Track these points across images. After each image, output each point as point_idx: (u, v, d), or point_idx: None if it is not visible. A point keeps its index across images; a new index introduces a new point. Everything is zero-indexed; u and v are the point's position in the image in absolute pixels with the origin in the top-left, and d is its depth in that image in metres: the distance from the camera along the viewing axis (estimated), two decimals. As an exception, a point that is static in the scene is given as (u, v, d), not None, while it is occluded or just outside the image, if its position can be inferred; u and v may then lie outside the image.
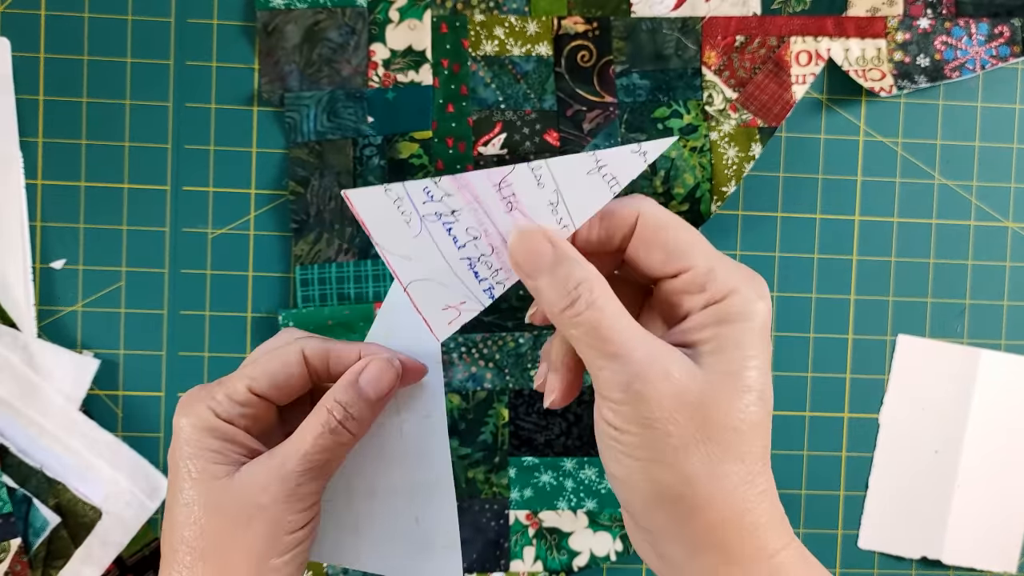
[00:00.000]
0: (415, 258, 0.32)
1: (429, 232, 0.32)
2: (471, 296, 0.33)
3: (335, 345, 0.35)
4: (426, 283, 0.33)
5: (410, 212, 0.32)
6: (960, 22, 0.57)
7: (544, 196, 0.31)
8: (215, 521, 0.32)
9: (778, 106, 0.56)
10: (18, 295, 0.54)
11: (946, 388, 0.59)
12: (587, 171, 0.31)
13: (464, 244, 0.32)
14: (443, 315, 0.33)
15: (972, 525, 0.59)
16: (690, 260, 0.30)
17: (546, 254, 0.30)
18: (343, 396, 0.33)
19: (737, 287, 0.29)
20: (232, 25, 0.56)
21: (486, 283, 0.33)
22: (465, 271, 0.33)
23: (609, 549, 0.57)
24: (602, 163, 0.30)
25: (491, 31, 0.55)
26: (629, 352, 0.28)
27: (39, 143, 0.55)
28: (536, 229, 0.31)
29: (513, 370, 0.56)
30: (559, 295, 0.29)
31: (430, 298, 0.33)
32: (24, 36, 0.55)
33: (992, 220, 0.59)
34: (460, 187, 0.31)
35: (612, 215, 0.31)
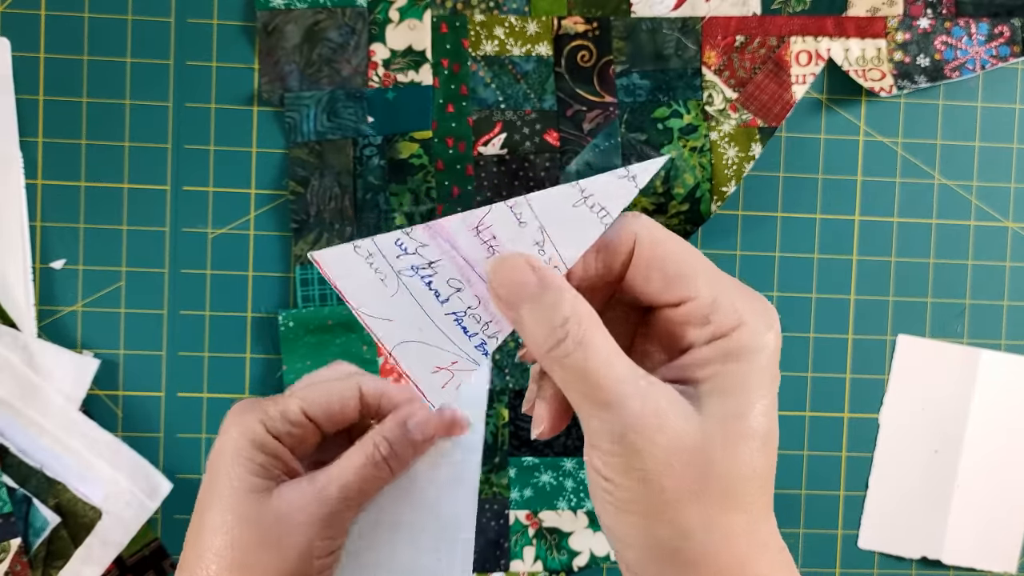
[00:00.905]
0: (397, 319, 0.29)
1: (408, 289, 0.29)
2: (462, 355, 0.30)
3: (389, 386, 0.37)
4: (412, 345, 0.30)
5: (384, 269, 0.29)
6: (960, 22, 0.57)
7: (528, 235, 0.28)
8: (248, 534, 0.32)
9: (778, 106, 0.56)
10: (18, 295, 0.54)
11: (946, 388, 0.59)
12: (572, 204, 0.28)
13: (447, 298, 0.29)
14: (435, 378, 0.30)
15: (972, 525, 0.59)
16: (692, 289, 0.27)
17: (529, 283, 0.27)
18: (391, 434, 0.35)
19: (744, 319, 0.27)
20: (232, 25, 0.56)
21: (477, 338, 0.30)
22: (452, 328, 0.29)
23: (609, 549, 0.57)
24: (588, 193, 0.28)
25: (491, 31, 0.55)
26: (622, 400, 0.25)
27: (39, 143, 0.55)
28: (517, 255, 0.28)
29: (513, 370, 0.56)
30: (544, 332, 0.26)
31: (419, 361, 0.30)
32: (24, 36, 0.54)
33: (992, 220, 0.59)
34: (433, 235, 0.29)
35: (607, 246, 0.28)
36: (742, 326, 0.27)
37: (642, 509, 0.26)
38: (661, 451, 0.25)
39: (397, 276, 0.29)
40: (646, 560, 0.27)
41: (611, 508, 0.27)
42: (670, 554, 0.26)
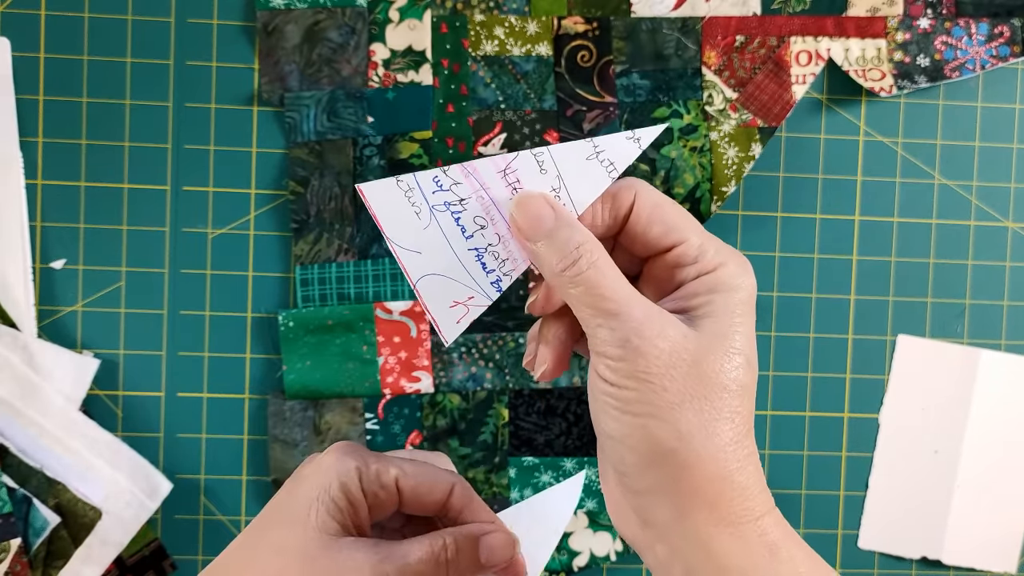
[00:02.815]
0: (425, 251, 0.33)
1: (438, 223, 0.32)
2: (479, 290, 0.33)
3: (477, 501, 0.36)
4: (435, 279, 0.33)
5: (420, 203, 0.32)
6: (960, 22, 0.57)
7: (547, 181, 0.32)
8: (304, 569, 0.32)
9: (778, 106, 0.56)
10: (18, 295, 0.54)
11: (946, 388, 0.59)
12: (586, 156, 0.31)
13: (472, 234, 0.32)
14: (451, 313, 0.33)
15: (972, 525, 0.59)
16: (684, 234, 0.31)
17: (547, 217, 0.31)
18: (462, 542, 0.34)
19: (726, 261, 0.32)
20: (232, 25, 0.56)
21: (493, 275, 0.33)
22: (473, 263, 0.33)
23: (609, 549, 0.57)
24: (600, 148, 0.31)
25: (491, 31, 0.55)
26: (628, 310, 0.29)
27: (39, 143, 0.55)
28: (537, 194, 0.31)
29: (513, 370, 0.56)
30: (560, 256, 0.30)
31: (439, 295, 0.33)
32: (24, 36, 0.55)
33: (992, 220, 0.59)
34: (467, 175, 0.32)
35: (615, 196, 0.32)
36: (724, 265, 0.31)
37: (645, 410, 0.29)
38: (663, 355, 0.29)
39: (431, 210, 0.32)
40: (644, 463, 0.30)
41: (615, 412, 0.30)
42: (666, 455, 0.29)
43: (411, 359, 0.56)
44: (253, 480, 0.56)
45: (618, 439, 0.30)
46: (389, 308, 0.56)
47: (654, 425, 0.29)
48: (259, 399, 0.56)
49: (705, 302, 0.31)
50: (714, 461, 0.29)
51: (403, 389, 0.56)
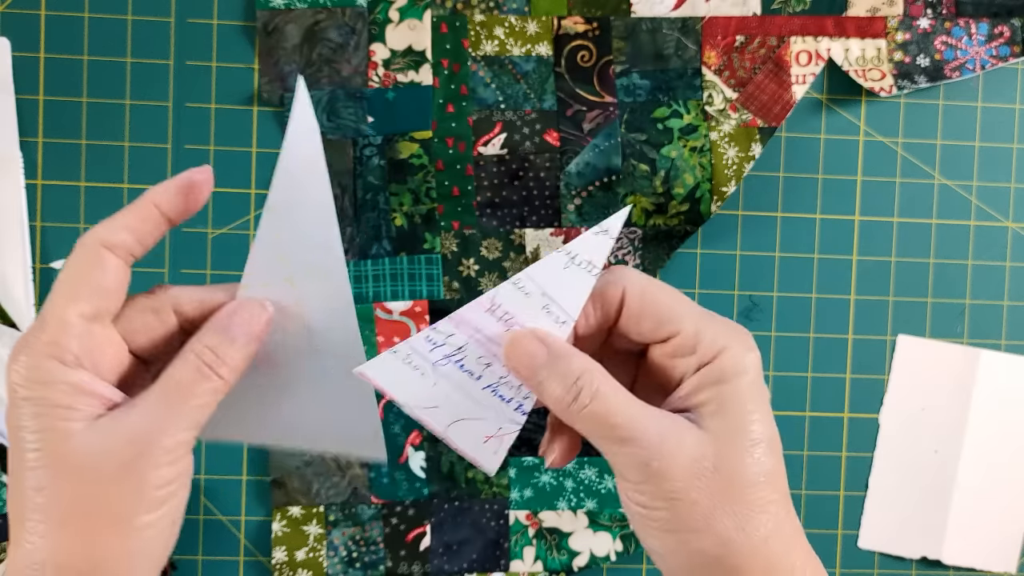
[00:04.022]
0: (442, 404, 0.33)
1: (445, 376, 0.33)
2: (505, 420, 0.33)
3: (207, 292, 0.32)
4: (461, 423, 0.33)
5: (421, 364, 0.33)
6: (960, 22, 0.57)
7: (535, 303, 0.32)
8: (71, 484, 0.28)
9: (778, 106, 0.56)
10: (18, 295, 0.54)
11: (946, 388, 0.59)
12: (563, 267, 0.32)
13: (480, 375, 0.33)
14: (486, 447, 0.34)
15: (972, 525, 0.59)
16: (678, 324, 0.31)
17: (539, 354, 0.31)
18: (212, 340, 0.31)
19: (726, 344, 0.30)
20: (232, 25, 0.56)
21: (514, 403, 0.33)
22: (490, 399, 0.33)
23: (609, 549, 0.57)
24: (573, 254, 0.31)
25: (491, 31, 0.55)
26: (640, 433, 0.29)
27: (39, 143, 0.55)
28: (524, 332, 0.31)
29: (513, 370, 0.56)
30: (562, 391, 0.30)
31: (469, 436, 0.34)
32: (24, 36, 0.55)
33: (992, 220, 0.59)
34: (457, 324, 0.32)
35: (602, 296, 0.32)
36: (724, 351, 0.30)
37: (682, 526, 0.29)
38: (685, 469, 0.29)
39: (433, 367, 0.32)
40: (695, 574, 0.30)
41: (654, 531, 0.30)
42: (712, 564, 0.29)
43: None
44: (253, 480, 0.56)
45: (663, 555, 0.30)
46: (389, 308, 0.56)
47: (694, 539, 0.29)
48: (259, 399, 0.56)
49: (713, 396, 0.30)
50: (759, 556, 0.29)
51: (403, 389, 0.56)
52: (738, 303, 0.58)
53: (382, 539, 0.56)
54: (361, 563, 0.56)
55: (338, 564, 0.56)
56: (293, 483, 0.56)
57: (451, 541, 0.57)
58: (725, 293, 0.58)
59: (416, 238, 0.56)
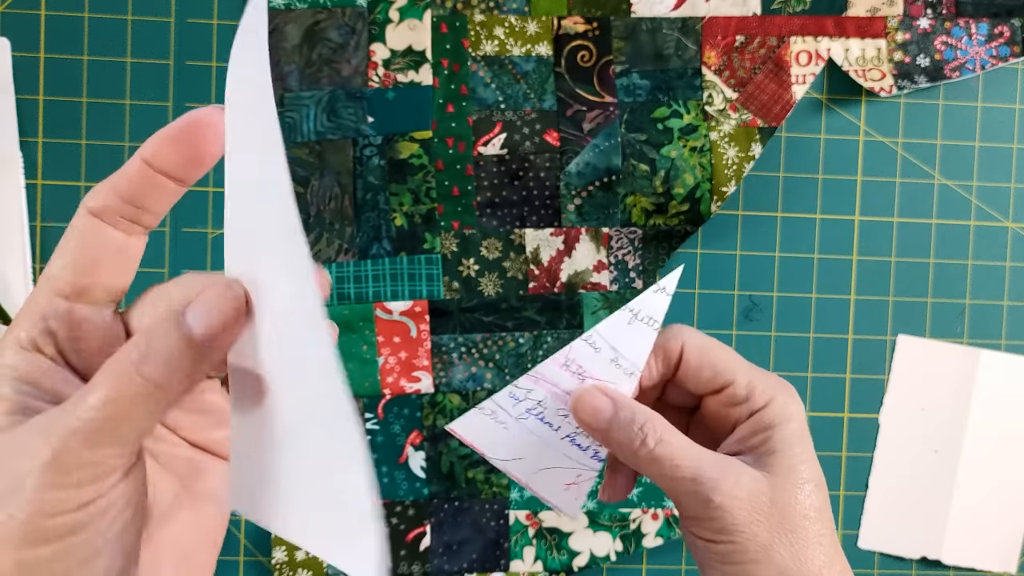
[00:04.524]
0: (526, 455, 0.36)
1: (528, 429, 0.36)
2: (583, 467, 0.36)
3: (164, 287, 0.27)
4: (543, 472, 0.36)
5: (505, 419, 0.36)
6: (960, 22, 0.57)
7: (604, 357, 0.35)
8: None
9: (778, 106, 0.56)
10: (18, 295, 0.54)
11: (946, 388, 0.59)
12: (627, 322, 0.34)
13: (559, 426, 0.35)
14: (567, 494, 0.37)
15: (972, 525, 0.59)
16: (732, 375, 0.34)
17: (605, 408, 0.34)
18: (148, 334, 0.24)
19: (774, 395, 0.34)
20: (232, 25, 0.56)
21: (591, 450, 0.36)
22: (569, 448, 0.36)
23: (609, 549, 0.57)
24: (636, 310, 0.34)
25: (491, 31, 0.55)
26: (702, 473, 0.32)
27: (39, 143, 0.55)
28: (589, 388, 0.34)
29: (513, 370, 0.56)
30: (629, 440, 0.33)
31: (551, 484, 0.37)
32: (24, 36, 0.55)
33: (992, 220, 0.59)
34: (536, 380, 0.35)
35: (664, 350, 0.35)
36: (773, 400, 0.34)
37: (744, 558, 0.32)
38: (745, 504, 0.32)
39: (517, 421, 0.35)
40: None
41: (717, 563, 0.32)
42: None
43: (411, 359, 0.56)
44: (253, 480, 0.56)
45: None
46: (389, 308, 0.56)
47: (754, 569, 0.32)
48: (259, 399, 0.56)
49: (764, 439, 0.33)
50: None
51: (403, 389, 0.56)
52: (738, 303, 0.58)
53: (382, 539, 0.56)
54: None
55: (338, 564, 0.56)
56: (293, 483, 0.56)
57: (451, 541, 0.57)
58: (725, 293, 0.58)
59: (416, 238, 0.56)
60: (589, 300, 0.57)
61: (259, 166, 0.26)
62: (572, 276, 0.56)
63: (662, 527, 0.57)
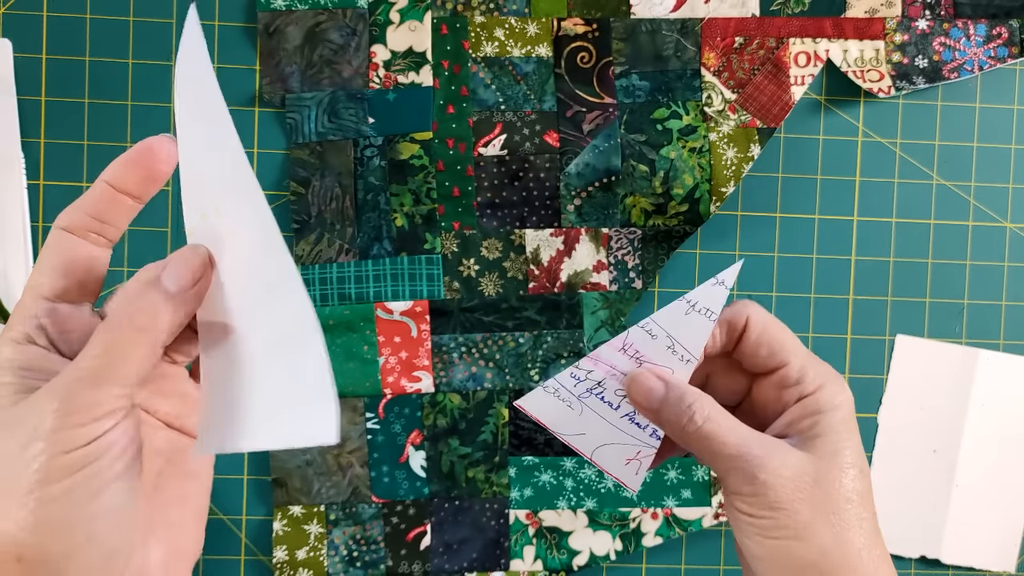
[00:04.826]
0: (588, 431, 0.38)
1: (589, 407, 0.38)
2: (642, 443, 0.38)
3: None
4: (605, 447, 0.38)
5: (568, 397, 0.38)
6: (958, 23, 0.57)
7: (661, 344, 0.36)
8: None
9: (777, 107, 0.56)
10: (20, 294, 0.54)
11: (944, 388, 0.59)
12: (685, 313, 0.35)
13: (618, 405, 0.37)
14: (628, 468, 0.39)
15: (970, 524, 0.59)
16: (788, 356, 0.35)
17: (657, 388, 0.35)
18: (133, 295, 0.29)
19: (824, 382, 0.35)
20: (233, 26, 0.56)
21: (649, 428, 0.38)
22: (628, 425, 0.38)
23: (609, 548, 0.57)
24: (693, 302, 0.35)
25: (491, 32, 0.56)
26: (748, 451, 0.33)
27: (41, 144, 0.55)
28: (643, 371, 0.36)
29: (513, 370, 0.57)
30: (678, 417, 0.34)
31: (613, 459, 0.39)
32: (26, 37, 0.55)
33: (990, 220, 0.59)
34: (595, 362, 0.37)
35: (729, 322, 0.36)
36: (823, 387, 0.34)
37: (785, 533, 0.33)
38: (788, 482, 0.33)
39: (579, 399, 0.37)
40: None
41: (759, 538, 0.33)
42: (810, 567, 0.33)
43: (411, 359, 0.56)
44: (254, 479, 0.57)
45: (765, 559, 0.34)
46: (390, 308, 0.56)
47: (795, 546, 0.33)
48: (260, 399, 0.56)
49: (812, 423, 0.34)
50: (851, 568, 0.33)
51: (404, 389, 0.56)
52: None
53: (382, 538, 0.56)
54: (362, 562, 0.56)
55: (339, 563, 0.56)
56: (294, 482, 0.56)
57: (451, 540, 0.57)
58: (724, 293, 0.58)
59: (417, 238, 0.56)
60: (589, 300, 0.57)
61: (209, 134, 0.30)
62: (572, 276, 0.57)
63: (661, 526, 0.57)
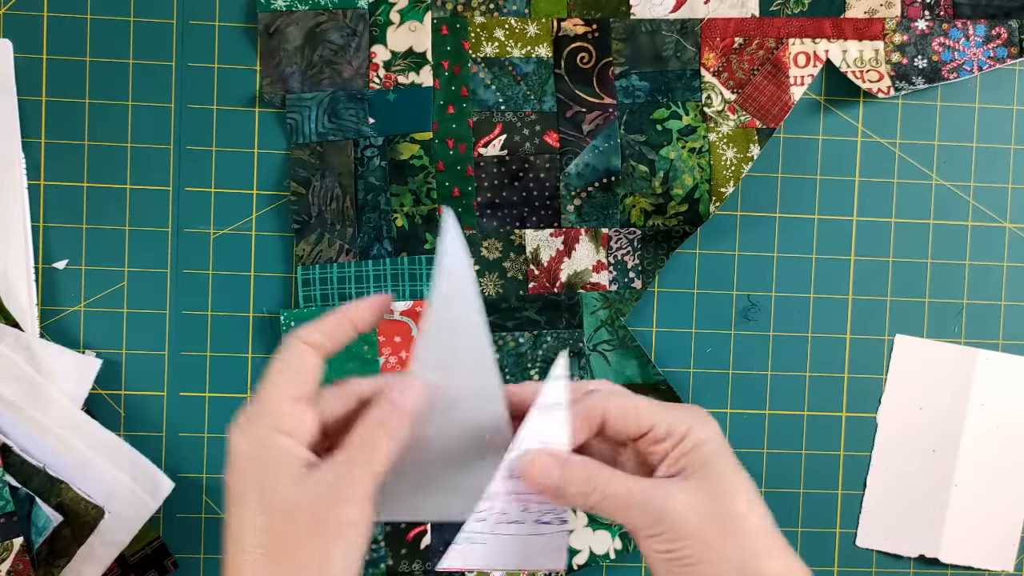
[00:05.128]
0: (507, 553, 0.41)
1: (502, 534, 0.41)
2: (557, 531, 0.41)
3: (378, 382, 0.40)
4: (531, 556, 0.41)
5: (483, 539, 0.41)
6: (958, 24, 0.57)
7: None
8: (281, 524, 0.36)
9: (776, 107, 0.56)
10: (21, 295, 0.54)
11: (943, 387, 0.59)
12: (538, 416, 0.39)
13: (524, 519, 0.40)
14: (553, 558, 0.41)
15: (969, 523, 0.59)
16: (651, 420, 0.39)
17: (553, 468, 0.38)
18: (384, 407, 0.38)
19: (690, 426, 0.38)
20: (234, 27, 0.56)
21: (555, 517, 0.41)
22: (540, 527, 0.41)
23: (608, 547, 0.57)
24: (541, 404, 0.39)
25: (491, 33, 0.56)
26: (647, 498, 0.37)
27: (42, 144, 0.55)
28: (537, 454, 0.39)
29: (513, 370, 0.57)
30: (581, 492, 0.38)
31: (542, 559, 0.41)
32: (27, 37, 0.55)
33: (989, 220, 0.59)
34: (493, 499, 0.40)
35: (586, 419, 0.39)
36: (690, 430, 0.38)
37: (694, 559, 0.37)
38: (687, 513, 0.37)
39: (492, 534, 0.41)
40: None
41: (689, 568, 0.37)
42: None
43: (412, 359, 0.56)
44: (255, 479, 0.57)
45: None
46: (390, 308, 0.56)
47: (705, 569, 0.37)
48: (261, 398, 0.56)
49: (690, 462, 0.38)
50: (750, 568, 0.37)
51: (404, 388, 0.56)
52: (736, 303, 0.58)
53: (383, 537, 0.57)
54: (362, 561, 0.56)
55: (339, 562, 0.56)
56: (294, 482, 0.56)
57: (451, 539, 0.57)
58: (723, 293, 0.58)
59: (417, 238, 0.56)
60: (589, 300, 0.57)
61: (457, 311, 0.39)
62: (572, 276, 0.57)
63: (661, 526, 0.58)
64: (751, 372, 0.59)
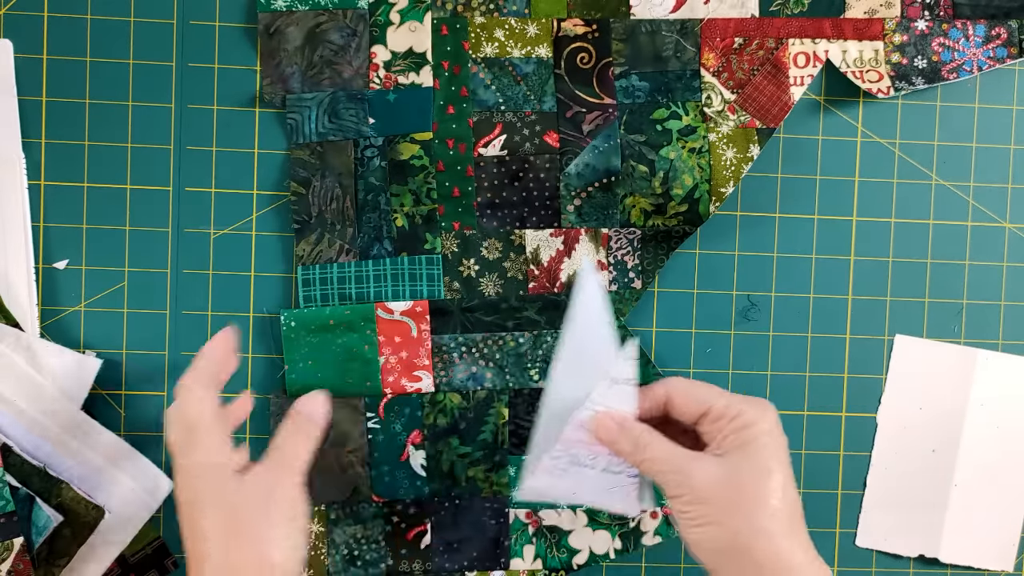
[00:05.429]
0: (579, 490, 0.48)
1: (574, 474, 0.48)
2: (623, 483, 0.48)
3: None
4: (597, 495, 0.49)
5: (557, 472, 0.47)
6: (957, 24, 0.57)
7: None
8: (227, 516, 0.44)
9: (776, 107, 0.56)
10: (21, 295, 0.54)
11: (943, 388, 0.59)
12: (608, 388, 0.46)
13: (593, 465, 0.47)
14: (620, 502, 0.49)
15: (969, 523, 0.59)
16: (711, 401, 0.45)
17: (613, 427, 0.46)
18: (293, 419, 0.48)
19: (743, 408, 0.44)
20: (234, 27, 0.56)
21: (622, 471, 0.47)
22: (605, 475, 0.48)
23: (608, 547, 0.57)
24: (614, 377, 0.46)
25: (491, 33, 0.56)
26: (679, 464, 0.44)
27: (42, 144, 0.55)
28: (603, 415, 0.46)
29: (513, 369, 0.57)
30: (631, 448, 0.45)
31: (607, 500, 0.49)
32: (27, 37, 0.55)
33: (989, 220, 0.59)
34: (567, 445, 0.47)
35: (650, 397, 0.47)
36: (743, 412, 0.44)
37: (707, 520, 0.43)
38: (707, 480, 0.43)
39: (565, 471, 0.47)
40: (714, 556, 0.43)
41: (691, 528, 0.43)
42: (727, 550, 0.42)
43: (412, 359, 0.56)
44: (255, 479, 0.57)
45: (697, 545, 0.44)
46: (390, 308, 0.56)
47: (715, 531, 0.43)
48: (261, 398, 0.56)
49: (735, 439, 0.44)
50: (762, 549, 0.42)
51: (404, 388, 0.56)
52: (736, 303, 0.58)
53: (383, 537, 0.57)
54: (362, 561, 0.57)
55: (339, 562, 0.56)
56: (294, 482, 0.56)
57: (451, 539, 0.57)
58: (723, 293, 0.58)
59: (417, 238, 0.56)
60: (589, 300, 0.57)
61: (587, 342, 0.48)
62: (572, 276, 0.57)
63: (661, 526, 0.58)
64: (751, 372, 0.59)
